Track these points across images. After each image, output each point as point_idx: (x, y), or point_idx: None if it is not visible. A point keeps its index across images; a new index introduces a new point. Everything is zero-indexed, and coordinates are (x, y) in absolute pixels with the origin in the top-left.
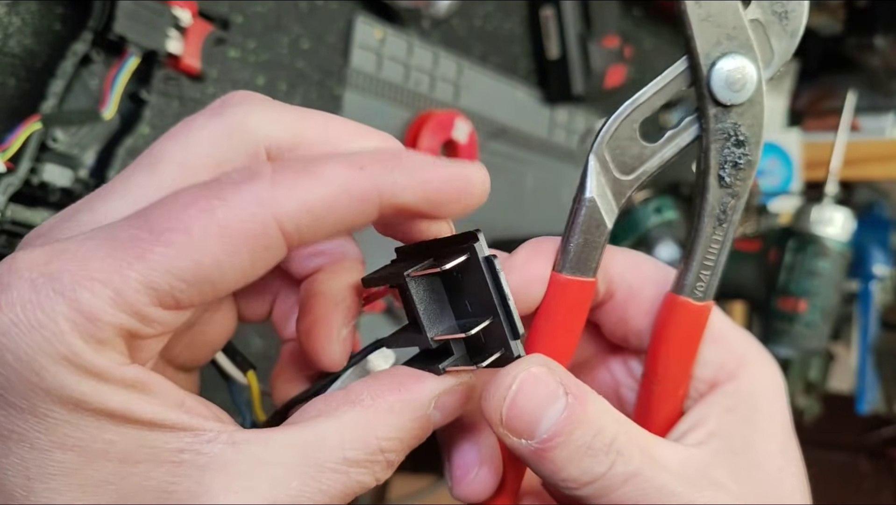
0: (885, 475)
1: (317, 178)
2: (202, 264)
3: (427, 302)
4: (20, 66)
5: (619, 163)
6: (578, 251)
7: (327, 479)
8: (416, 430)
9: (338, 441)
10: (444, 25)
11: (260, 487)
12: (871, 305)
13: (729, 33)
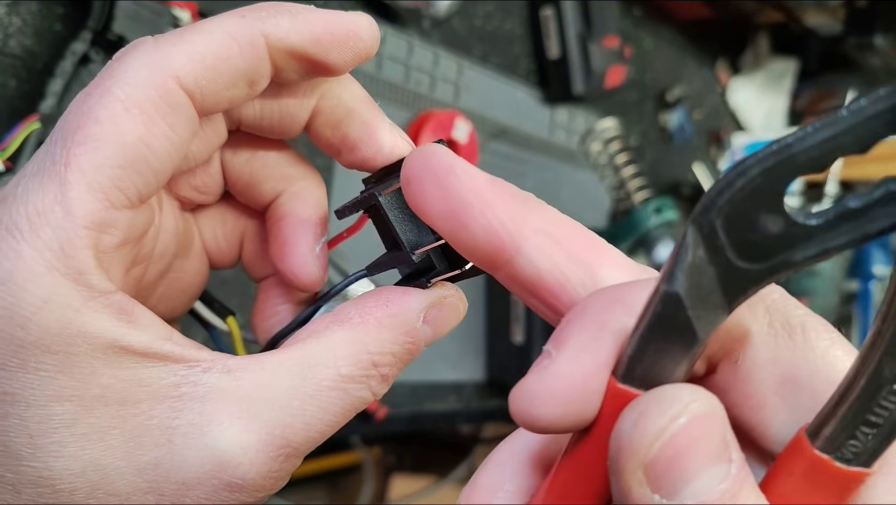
0: None
1: (199, 32)
2: (127, 144)
3: (402, 220)
4: (20, 66)
5: (742, 242)
6: (650, 361)
7: (326, 397)
8: (408, 344)
9: (331, 359)
10: (444, 25)
11: (262, 411)
12: (870, 305)
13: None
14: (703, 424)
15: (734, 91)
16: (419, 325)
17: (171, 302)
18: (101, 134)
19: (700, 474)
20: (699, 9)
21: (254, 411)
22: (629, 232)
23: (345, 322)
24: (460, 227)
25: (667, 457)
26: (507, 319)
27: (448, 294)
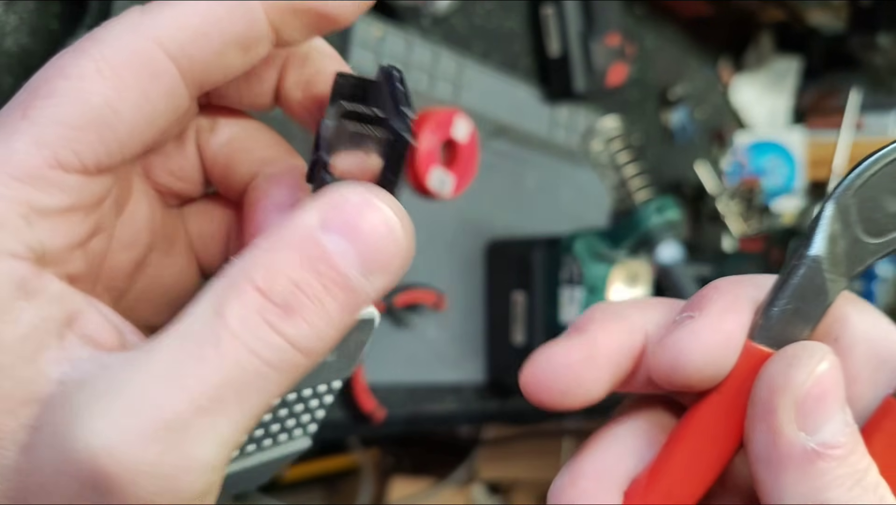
0: None
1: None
2: (90, 104)
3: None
4: (17, 65)
5: (868, 219)
6: (784, 320)
7: (207, 351)
8: (310, 261)
9: (209, 306)
10: (444, 23)
11: (127, 393)
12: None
13: None
14: (837, 374)
15: (737, 90)
16: (317, 233)
17: (152, 304)
18: (65, 90)
19: (835, 416)
20: (701, 7)
21: (115, 394)
22: (630, 231)
23: (229, 266)
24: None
25: (815, 395)
26: (507, 319)
27: (350, 191)
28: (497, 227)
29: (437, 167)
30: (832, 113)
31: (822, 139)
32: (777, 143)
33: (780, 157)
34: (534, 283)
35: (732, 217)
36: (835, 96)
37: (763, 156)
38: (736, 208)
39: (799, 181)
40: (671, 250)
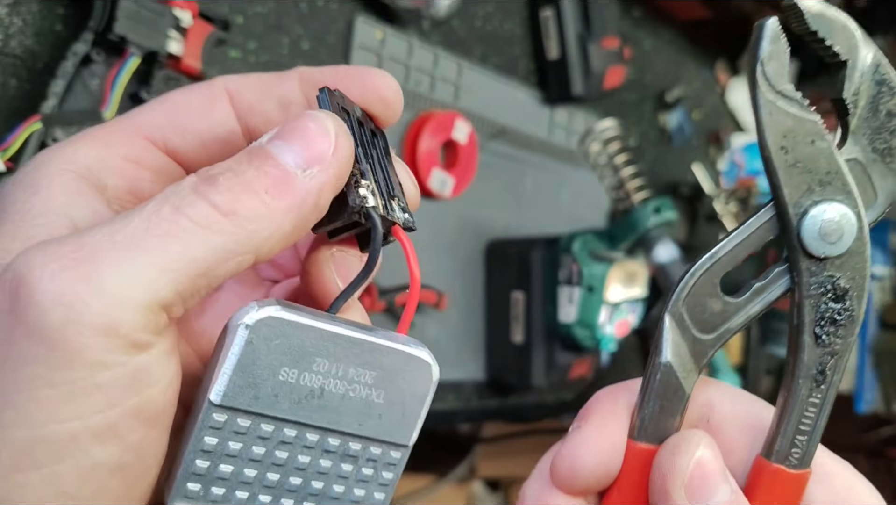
0: (885, 475)
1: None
2: (171, 101)
3: None
4: (21, 67)
5: (699, 321)
6: (655, 418)
7: (137, 209)
8: (243, 154)
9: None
10: (444, 26)
11: (68, 238)
12: (869, 306)
13: (822, 179)
14: (714, 452)
15: (733, 92)
16: (264, 143)
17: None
18: (170, 98)
19: (720, 487)
20: (698, 10)
21: (59, 240)
22: (628, 232)
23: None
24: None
25: (699, 475)
26: (507, 318)
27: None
28: (496, 228)
29: (437, 168)
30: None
31: None
32: None
33: None
34: (533, 282)
35: (729, 217)
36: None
37: (759, 157)
38: (732, 209)
39: None
40: (668, 250)
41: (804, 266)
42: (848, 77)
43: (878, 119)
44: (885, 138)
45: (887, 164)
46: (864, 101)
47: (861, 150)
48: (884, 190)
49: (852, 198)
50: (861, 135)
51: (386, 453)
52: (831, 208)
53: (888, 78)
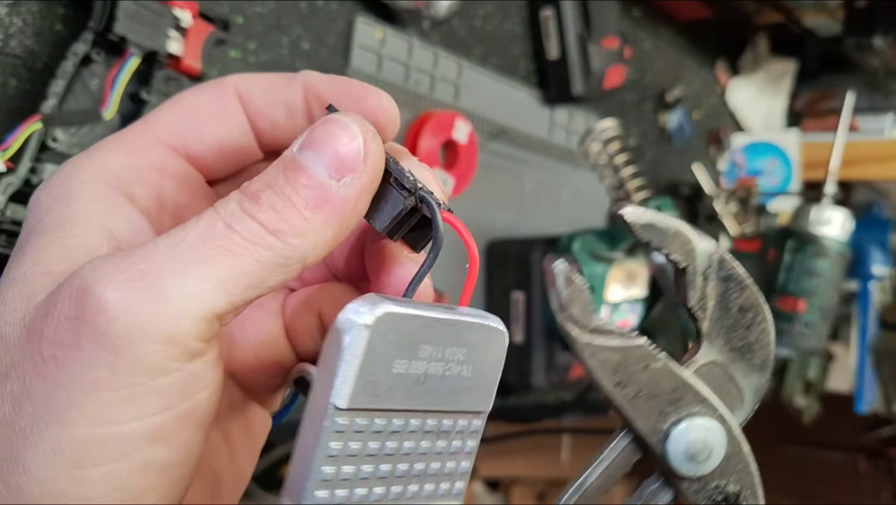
0: (884, 475)
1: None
2: (187, 107)
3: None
4: (21, 67)
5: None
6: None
7: (192, 224)
8: (278, 169)
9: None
10: (444, 26)
11: (128, 252)
12: (869, 306)
13: (670, 398)
14: None
15: (733, 91)
16: (294, 153)
17: (244, 364)
18: (173, 103)
19: None
20: (698, 9)
21: (120, 253)
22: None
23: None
24: None
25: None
26: (507, 318)
27: (322, 120)
28: (497, 228)
29: (437, 168)
30: (828, 115)
31: (818, 141)
32: (773, 145)
33: (776, 158)
34: (533, 282)
35: (729, 217)
36: (830, 98)
37: (759, 157)
38: (732, 209)
39: (795, 182)
40: None
41: (684, 487)
42: (689, 284)
43: (731, 316)
44: (742, 335)
45: (748, 360)
46: (713, 301)
47: (718, 351)
48: (749, 388)
49: (709, 405)
50: (716, 336)
51: (471, 423)
52: (692, 425)
53: (735, 273)
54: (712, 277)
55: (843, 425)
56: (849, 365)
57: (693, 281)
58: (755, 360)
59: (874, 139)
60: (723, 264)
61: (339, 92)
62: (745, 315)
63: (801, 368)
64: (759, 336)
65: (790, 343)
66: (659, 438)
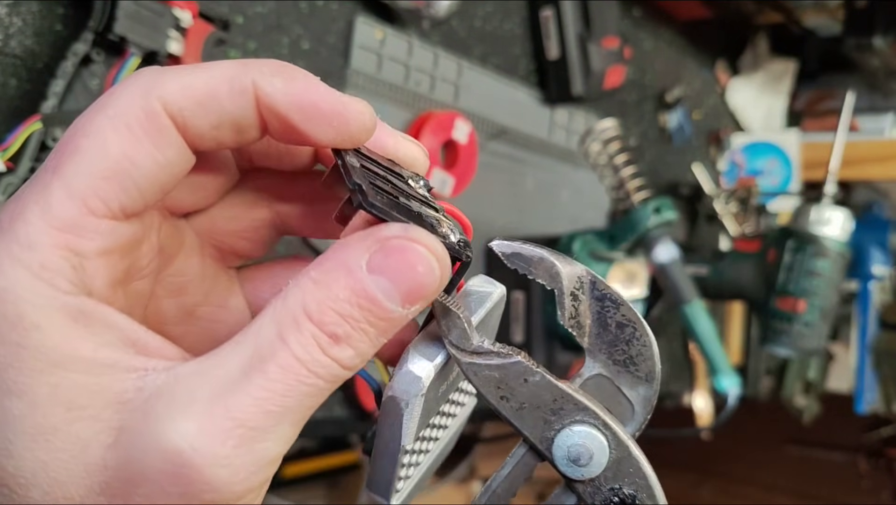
0: (884, 475)
1: (200, 69)
2: (111, 157)
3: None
4: (21, 67)
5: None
6: None
7: (271, 366)
8: (355, 298)
9: (269, 327)
10: (444, 26)
11: (204, 397)
12: (869, 305)
13: (552, 408)
14: None
15: (733, 91)
16: (362, 273)
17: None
18: (87, 146)
19: None
20: (698, 10)
21: (195, 400)
22: (628, 232)
23: (283, 291)
24: None
25: None
26: (507, 318)
27: (391, 234)
28: (497, 228)
29: (437, 168)
30: (828, 115)
31: (818, 141)
32: (774, 145)
33: (776, 158)
34: (533, 283)
35: (729, 217)
36: (830, 98)
37: (759, 157)
38: (732, 209)
39: (795, 182)
40: (668, 250)
41: (580, 489)
42: (559, 304)
43: (610, 332)
44: (623, 349)
45: (633, 373)
46: (589, 319)
47: (602, 364)
48: (638, 398)
49: (590, 412)
50: (598, 351)
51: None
52: (572, 432)
53: (608, 293)
54: (585, 297)
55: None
56: (849, 365)
57: (561, 301)
58: (640, 372)
59: (874, 139)
60: (595, 285)
61: (305, 112)
62: (624, 330)
63: (801, 368)
64: (641, 350)
65: (790, 343)
66: (547, 445)
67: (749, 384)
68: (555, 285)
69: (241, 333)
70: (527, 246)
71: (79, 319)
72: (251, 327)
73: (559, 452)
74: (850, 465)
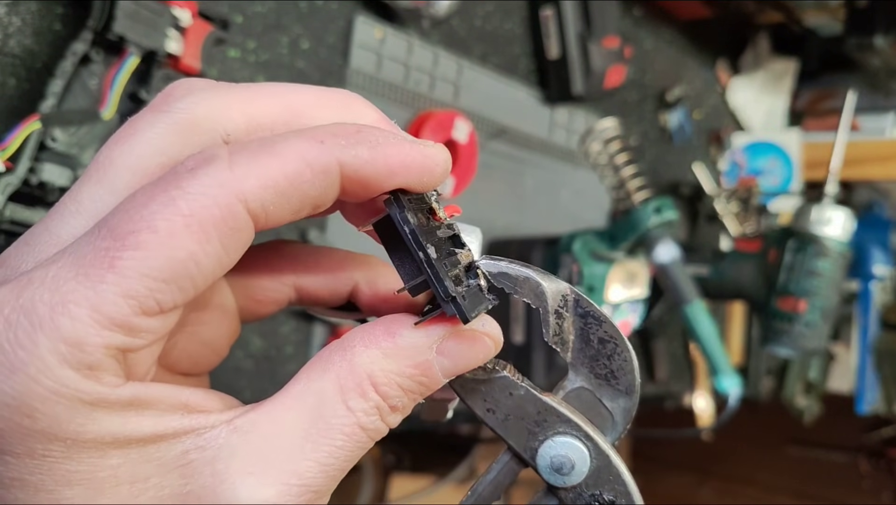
0: (885, 475)
1: (276, 155)
2: (176, 259)
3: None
4: (20, 66)
5: None
6: None
7: (337, 433)
8: (418, 376)
9: (338, 394)
10: (444, 25)
11: (274, 462)
12: (870, 305)
13: (536, 420)
14: None
15: (734, 91)
16: (431, 356)
17: (195, 358)
18: (153, 244)
19: None
20: (699, 9)
21: (266, 463)
22: (629, 232)
23: (349, 352)
24: None
25: None
26: (507, 319)
27: (465, 327)
28: (497, 227)
29: None
30: (829, 114)
31: (819, 140)
32: (774, 144)
33: (777, 158)
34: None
35: (730, 217)
36: (831, 98)
37: (760, 157)
38: (733, 209)
39: (796, 182)
40: (669, 250)
41: (563, 495)
42: (544, 322)
43: (593, 348)
44: (605, 364)
45: (614, 386)
46: (573, 335)
47: (584, 378)
48: (618, 410)
49: (573, 424)
50: (581, 365)
51: None
52: (555, 443)
53: (591, 310)
54: (569, 315)
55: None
56: (850, 365)
57: (546, 319)
58: (620, 385)
59: (875, 139)
60: (579, 302)
61: (394, 176)
62: (606, 346)
63: (801, 368)
64: (622, 364)
65: (791, 343)
66: (531, 454)
67: (750, 385)
68: (539, 304)
69: (297, 388)
70: (513, 266)
71: (133, 404)
72: (311, 382)
73: (542, 462)
74: (851, 465)
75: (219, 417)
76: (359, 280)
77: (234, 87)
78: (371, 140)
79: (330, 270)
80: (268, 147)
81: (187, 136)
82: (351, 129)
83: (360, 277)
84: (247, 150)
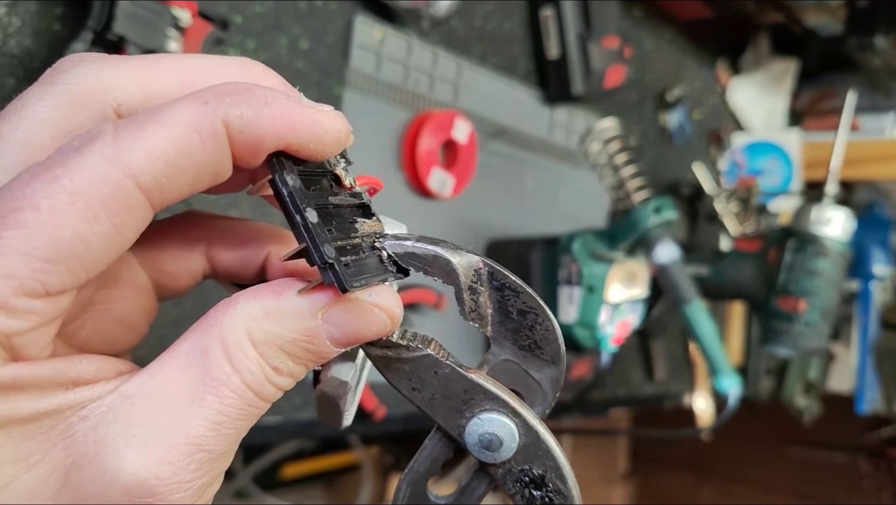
0: (885, 475)
1: (161, 125)
2: (61, 239)
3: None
4: (19, 66)
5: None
6: None
7: (224, 389)
8: (302, 342)
9: (219, 348)
10: (443, 25)
11: (160, 420)
12: (870, 305)
13: (462, 398)
14: None
15: (734, 91)
16: (316, 323)
17: (103, 335)
18: (35, 222)
19: None
20: (699, 9)
21: (151, 424)
22: (628, 232)
23: (231, 307)
24: None
25: None
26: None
27: (353, 297)
28: (496, 227)
29: (437, 168)
30: (829, 114)
31: (819, 140)
32: (774, 144)
33: (777, 158)
34: (532, 282)
35: (729, 217)
36: (831, 98)
37: (760, 157)
38: (733, 209)
39: (796, 182)
40: (669, 250)
41: (493, 471)
42: (458, 300)
43: (513, 320)
44: (527, 334)
45: (539, 356)
46: (491, 308)
47: (509, 350)
48: (546, 380)
49: (500, 401)
50: (503, 338)
51: None
52: (482, 420)
53: (508, 282)
54: (484, 288)
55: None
56: (850, 365)
57: (460, 297)
58: (545, 355)
59: (875, 139)
60: (493, 275)
61: (280, 139)
62: (526, 317)
63: (801, 368)
64: (544, 334)
65: (791, 343)
66: (459, 432)
67: (749, 385)
68: (451, 282)
69: (183, 347)
70: (419, 245)
71: (13, 387)
72: (196, 340)
73: (471, 440)
74: (851, 465)
75: (104, 387)
76: (271, 252)
77: (128, 59)
78: (259, 99)
79: (242, 242)
80: (153, 117)
81: (77, 108)
82: (240, 87)
83: (272, 249)
84: (133, 124)
